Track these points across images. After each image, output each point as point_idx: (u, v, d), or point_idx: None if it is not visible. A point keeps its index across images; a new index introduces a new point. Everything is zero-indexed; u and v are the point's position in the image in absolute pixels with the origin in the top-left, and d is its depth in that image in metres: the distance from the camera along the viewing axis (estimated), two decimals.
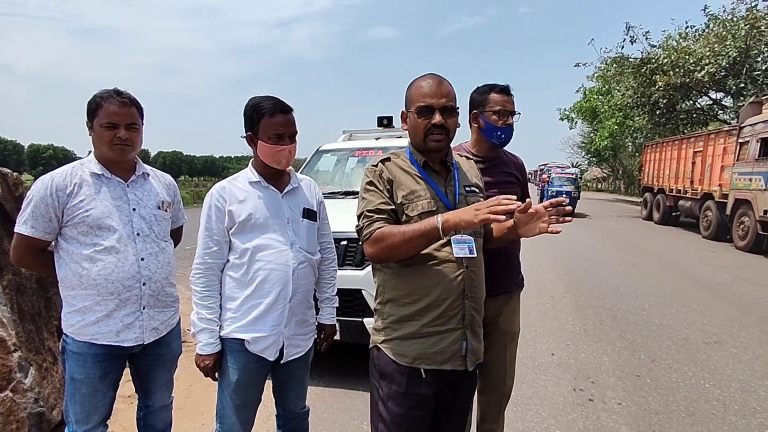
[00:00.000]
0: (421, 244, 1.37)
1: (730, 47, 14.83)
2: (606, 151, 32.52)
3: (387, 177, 1.48)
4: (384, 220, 1.43)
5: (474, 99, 2.04)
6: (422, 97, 1.46)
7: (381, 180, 1.48)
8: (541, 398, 3.07)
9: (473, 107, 2.03)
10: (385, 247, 1.39)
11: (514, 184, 2.09)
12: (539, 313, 4.90)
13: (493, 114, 1.96)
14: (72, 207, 1.61)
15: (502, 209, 1.24)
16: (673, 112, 18.61)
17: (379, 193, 1.47)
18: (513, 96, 2.02)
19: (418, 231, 1.35)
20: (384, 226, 1.41)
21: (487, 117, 1.96)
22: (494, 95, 1.97)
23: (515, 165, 2.14)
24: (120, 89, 1.67)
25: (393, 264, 1.47)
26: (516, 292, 2.15)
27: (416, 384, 1.45)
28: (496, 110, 1.95)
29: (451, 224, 1.31)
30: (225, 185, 1.75)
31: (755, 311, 5.13)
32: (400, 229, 1.38)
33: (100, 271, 1.62)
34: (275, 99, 1.72)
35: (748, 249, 9.23)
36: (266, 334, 1.70)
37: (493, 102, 1.97)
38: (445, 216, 1.33)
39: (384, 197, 1.46)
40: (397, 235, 1.37)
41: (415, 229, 1.35)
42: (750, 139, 9.69)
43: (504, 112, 1.96)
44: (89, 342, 1.65)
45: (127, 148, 1.66)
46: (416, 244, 1.37)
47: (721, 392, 3.18)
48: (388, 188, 1.47)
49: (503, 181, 2.04)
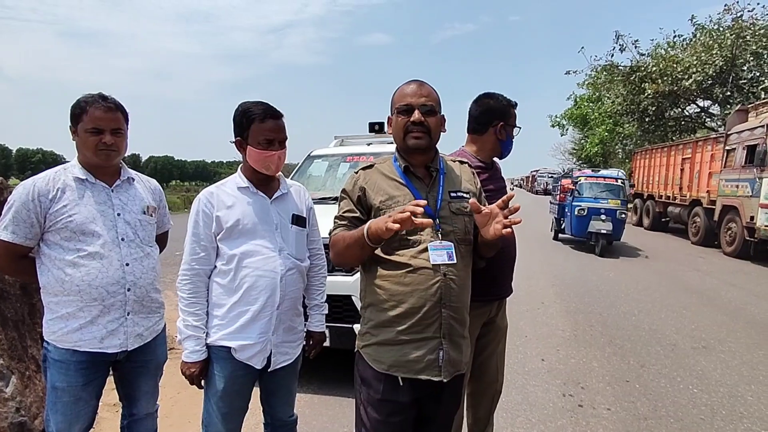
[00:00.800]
0: (356, 251, 1.42)
1: (717, 56, 15.12)
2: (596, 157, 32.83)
3: (360, 185, 1.52)
4: (344, 226, 1.50)
5: (497, 109, 2.04)
6: (403, 98, 1.50)
7: (354, 188, 1.53)
8: (530, 404, 3.07)
9: (497, 117, 2.03)
10: (335, 252, 1.49)
11: (505, 189, 2.16)
12: (530, 319, 4.91)
13: (514, 128, 2.07)
14: (55, 212, 1.58)
15: (399, 217, 1.25)
16: (661, 119, 18.90)
17: (348, 200, 1.53)
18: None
19: (352, 238, 1.41)
20: (339, 231, 1.49)
21: (510, 131, 2.06)
22: (514, 111, 2.08)
23: (500, 171, 2.24)
24: (105, 94, 1.65)
25: (372, 268, 1.48)
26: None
27: (393, 391, 1.44)
28: (514, 124, 2.07)
29: (373, 231, 1.34)
30: (213, 190, 1.74)
31: (743, 316, 5.18)
32: (342, 236, 1.46)
33: (83, 276, 1.59)
34: (266, 104, 1.71)
35: (735, 254, 9.36)
36: (253, 341, 1.68)
37: (514, 118, 2.07)
38: (369, 224, 1.36)
39: (350, 204, 1.52)
40: (340, 241, 1.46)
41: (351, 236, 1.42)
42: (736, 147, 9.85)
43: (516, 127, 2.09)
44: (72, 349, 1.62)
45: (112, 153, 1.65)
46: (353, 251, 1.43)
47: (709, 397, 3.21)
48: (359, 195, 1.51)
49: (501, 186, 2.12)
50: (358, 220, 1.49)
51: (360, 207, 1.51)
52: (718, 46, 15.25)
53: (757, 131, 9.16)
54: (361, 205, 1.51)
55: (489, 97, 2.07)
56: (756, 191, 8.76)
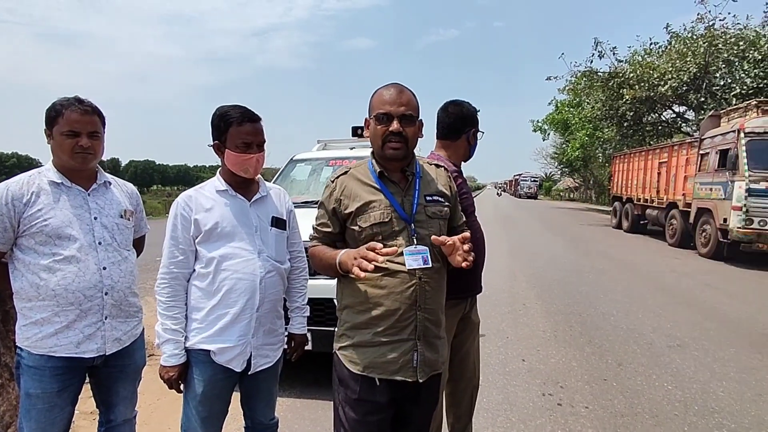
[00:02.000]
0: (331, 273, 1.52)
1: (691, 63, 15.60)
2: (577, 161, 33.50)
3: (336, 197, 1.55)
4: (319, 239, 1.58)
5: (468, 116, 2.16)
6: (382, 105, 1.48)
7: (329, 199, 1.57)
8: (511, 403, 3.12)
9: (470, 124, 2.15)
10: (314, 264, 1.59)
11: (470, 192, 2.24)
12: (511, 320, 4.98)
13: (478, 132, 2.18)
14: (29, 216, 1.56)
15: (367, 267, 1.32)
16: (639, 124, 19.38)
17: (324, 212, 1.59)
18: None
19: (326, 262, 1.51)
20: (316, 246, 1.58)
21: (477, 136, 2.18)
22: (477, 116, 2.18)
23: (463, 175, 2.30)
24: (81, 97, 1.65)
25: None
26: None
27: (370, 391, 1.47)
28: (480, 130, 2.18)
29: (342, 265, 1.43)
30: (191, 194, 1.74)
31: (716, 316, 5.34)
32: (320, 254, 1.54)
33: (59, 281, 1.58)
34: (243, 108, 1.72)
35: (710, 256, 9.63)
36: (233, 344, 1.68)
37: (478, 123, 2.18)
38: (341, 256, 1.44)
39: (325, 218, 1.58)
40: (317, 259, 1.56)
41: (327, 259, 1.50)
42: (710, 151, 10.16)
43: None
44: (47, 355, 1.60)
45: (89, 157, 1.64)
46: (328, 272, 1.54)
47: (683, 393, 3.30)
48: (334, 206, 1.55)
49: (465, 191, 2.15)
50: (331, 234, 1.57)
51: (335, 218, 1.55)
52: (692, 54, 15.73)
53: (729, 136, 9.46)
54: (336, 216, 1.55)
55: (458, 105, 2.15)
56: (729, 194, 9.04)
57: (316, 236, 1.60)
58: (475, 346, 2.26)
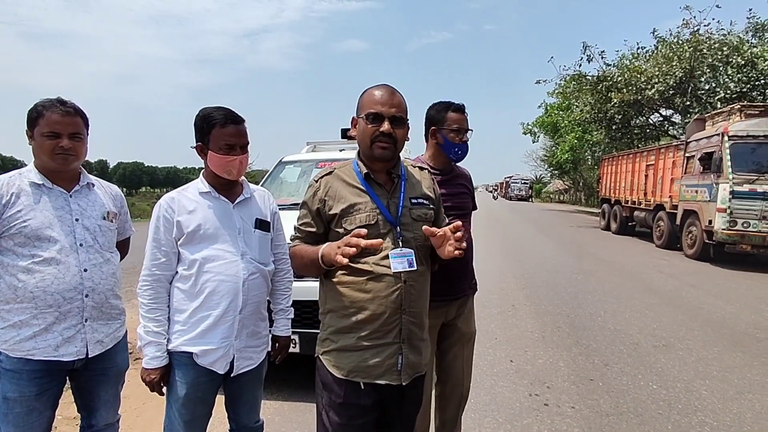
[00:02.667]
0: (313, 270, 1.49)
1: (677, 68, 15.85)
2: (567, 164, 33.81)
3: (320, 197, 1.52)
4: (301, 239, 1.55)
5: (432, 116, 2.13)
6: (373, 104, 1.48)
7: (313, 199, 1.54)
8: (498, 404, 3.13)
9: (431, 123, 2.13)
10: (295, 266, 1.57)
11: (466, 194, 2.24)
12: (500, 322, 5.01)
13: (451, 132, 2.07)
14: (8, 218, 1.55)
15: (349, 252, 1.31)
16: (627, 127, 19.62)
17: (307, 212, 1.56)
18: (467, 114, 2.14)
19: (308, 258, 1.48)
20: (297, 245, 1.54)
21: (446, 134, 2.07)
22: (452, 114, 2.09)
23: (465, 177, 2.28)
24: (64, 98, 1.63)
25: (333, 274, 1.50)
26: (471, 295, 2.28)
27: (354, 395, 1.46)
28: (454, 128, 2.07)
29: (326, 258, 1.40)
30: (174, 195, 1.73)
31: (701, 316, 5.42)
32: (301, 253, 1.51)
33: (38, 283, 1.56)
34: (227, 110, 1.72)
35: (696, 257, 9.76)
36: (215, 346, 1.67)
37: (450, 120, 2.08)
38: (323, 249, 1.42)
39: (309, 218, 1.55)
40: (297, 258, 1.53)
41: (308, 255, 1.48)
42: (695, 154, 10.32)
43: (461, 130, 2.08)
44: (25, 358, 1.58)
45: (70, 158, 1.62)
46: (311, 270, 1.51)
47: (667, 393, 3.34)
48: (318, 207, 1.52)
49: (458, 192, 2.17)
50: (314, 234, 1.54)
51: (318, 218, 1.53)
52: (678, 58, 15.99)
53: (713, 139, 9.63)
54: (320, 217, 1.53)
55: (430, 107, 2.16)
56: (713, 196, 9.19)
57: (299, 236, 1.57)
58: (465, 356, 2.22)
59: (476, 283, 2.33)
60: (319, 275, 1.54)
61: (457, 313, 2.17)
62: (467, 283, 2.22)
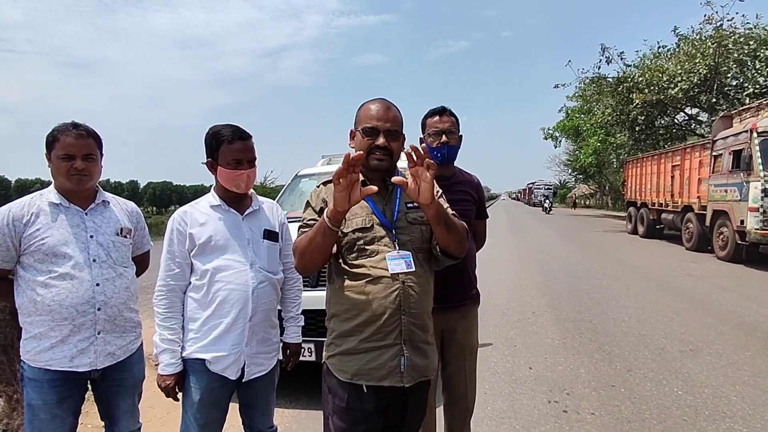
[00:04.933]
0: (319, 239, 1.42)
1: (700, 65, 15.46)
2: (591, 167, 33.14)
3: (323, 197, 1.59)
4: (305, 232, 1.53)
5: (421, 124, 2.20)
6: (369, 119, 1.54)
7: (317, 199, 1.60)
8: (516, 411, 3.10)
9: (422, 132, 2.19)
10: (299, 253, 1.49)
11: (469, 202, 2.22)
12: (520, 329, 4.95)
13: (429, 136, 2.12)
14: (28, 236, 1.66)
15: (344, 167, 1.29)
16: (652, 128, 19.17)
17: (311, 210, 1.59)
18: (452, 116, 2.14)
19: (312, 231, 1.44)
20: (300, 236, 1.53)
21: (426, 139, 2.14)
22: (429, 119, 2.16)
23: (470, 184, 2.26)
24: (77, 122, 1.74)
25: (335, 280, 1.55)
26: (471, 306, 2.20)
27: (357, 399, 1.48)
28: (430, 132, 2.12)
29: (331, 210, 1.39)
30: (187, 209, 1.83)
31: (732, 319, 5.22)
32: (304, 235, 1.49)
33: (54, 297, 1.66)
34: (234, 127, 1.81)
35: (728, 259, 9.41)
36: (227, 353, 1.74)
37: (428, 125, 2.15)
38: (327, 210, 1.41)
39: (314, 214, 1.58)
40: (303, 239, 1.48)
41: (312, 230, 1.45)
42: (723, 152, 10.01)
43: (436, 133, 2.10)
44: (44, 368, 1.67)
45: (84, 178, 1.72)
46: (317, 242, 1.43)
47: (694, 399, 3.23)
48: (321, 206, 1.57)
49: (459, 199, 2.14)
50: None
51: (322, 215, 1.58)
52: (701, 55, 15.60)
53: (742, 136, 9.32)
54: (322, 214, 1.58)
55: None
56: (744, 195, 8.87)
57: (305, 231, 1.54)
58: (467, 370, 2.18)
59: (478, 293, 2.26)
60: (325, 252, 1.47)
61: (457, 324, 2.12)
62: (463, 292, 2.15)
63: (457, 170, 2.25)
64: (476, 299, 2.24)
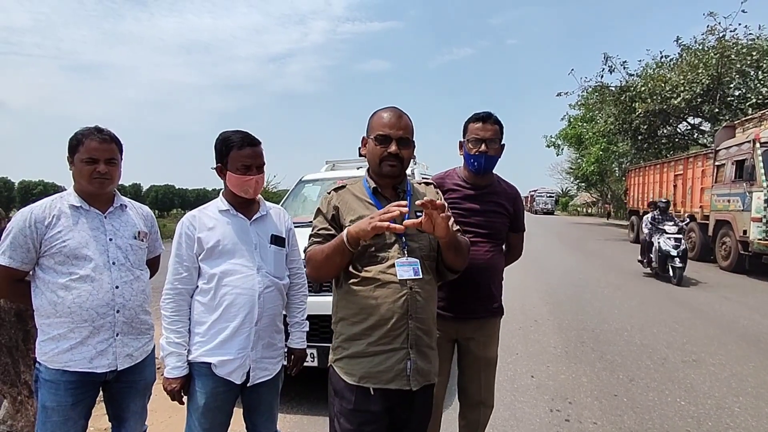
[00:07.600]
0: (336, 259, 1.48)
1: (703, 75, 15.47)
2: (593, 176, 33.11)
3: (334, 204, 1.61)
4: (318, 243, 1.56)
5: (463, 127, 2.10)
6: (382, 127, 1.58)
7: (328, 206, 1.62)
8: (518, 420, 3.09)
9: (463, 135, 2.09)
10: (312, 266, 1.54)
11: (501, 214, 2.11)
12: (521, 337, 4.94)
13: (468, 142, 2.02)
14: (50, 238, 1.68)
15: (387, 216, 1.35)
16: (654, 137, 19.16)
17: (322, 218, 1.61)
18: (496, 124, 2.04)
19: (330, 248, 1.48)
20: (314, 247, 1.55)
21: (465, 145, 2.05)
22: (472, 124, 2.04)
23: (506, 195, 2.15)
24: (101, 126, 1.78)
25: (343, 284, 1.57)
26: (490, 319, 2.15)
27: (364, 401, 1.50)
28: (470, 138, 2.02)
29: (352, 234, 1.42)
30: (195, 214, 1.85)
31: (735, 329, 5.20)
32: (321, 247, 1.52)
33: (75, 299, 1.68)
34: (244, 133, 1.84)
35: (731, 269, 9.38)
36: (232, 357, 1.75)
37: (470, 131, 2.03)
38: (349, 229, 1.45)
39: (325, 222, 1.60)
40: (318, 253, 1.52)
41: (329, 246, 1.49)
42: (726, 162, 10.01)
43: (476, 140, 2.00)
44: (62, 369, 1.69)
45: (106, 182, 1.75)
46: (333, 260, 1.49)
47: (696, 409, 3.23)
48: (333, 214, 1.60)
49: (490, 210, 2.08)
50: (332, 237, 1.57)
51: (333, 224, 1.61)
52: (704, 66, 15.62)
53: (745, 146, 9.33)
54: (335, 223, 1.61)
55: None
56: (747, 205, 8.86)
57: (317, 240, 1.58)
58: (482, 380, 2.15)
59: (500, 307, 2.19)
60: (339, 268, 1.52)
61: (473, 335, 2.10)
62: (482, 305, 2.09)
63: (496, 179, 2.16)
64: (497, 312, 2.17)
